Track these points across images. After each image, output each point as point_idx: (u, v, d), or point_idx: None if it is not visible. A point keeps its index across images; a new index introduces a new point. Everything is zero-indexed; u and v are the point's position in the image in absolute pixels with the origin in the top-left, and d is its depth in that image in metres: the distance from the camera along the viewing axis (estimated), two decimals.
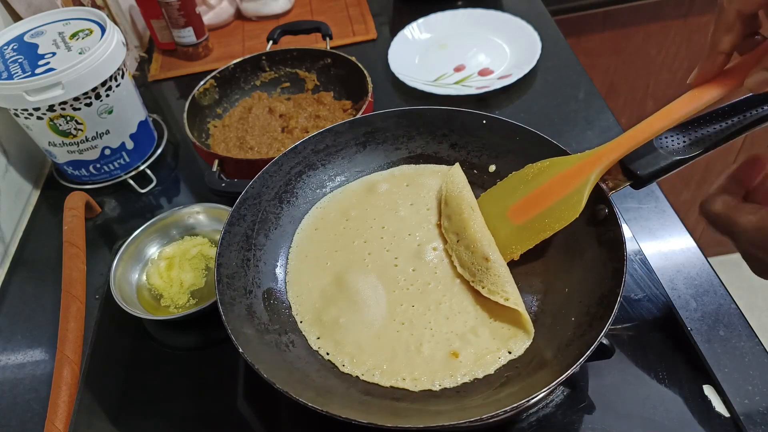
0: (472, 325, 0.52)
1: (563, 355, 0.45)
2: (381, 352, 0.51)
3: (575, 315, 0.49)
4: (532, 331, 0.51)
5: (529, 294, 0.54)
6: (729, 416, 0.50)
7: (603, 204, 0.52)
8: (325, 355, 0.52)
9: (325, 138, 0.65)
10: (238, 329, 0.48)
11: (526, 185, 0.56)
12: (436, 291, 0.55)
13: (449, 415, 0.44)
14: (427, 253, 0.58)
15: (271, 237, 0.60)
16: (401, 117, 0.65)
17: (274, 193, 0.62)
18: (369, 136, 0.66)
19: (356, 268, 0.57)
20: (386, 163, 0.67)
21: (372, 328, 0.53)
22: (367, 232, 0.61)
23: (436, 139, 0.66)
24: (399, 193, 0.64)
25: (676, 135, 0.50)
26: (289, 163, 0.63)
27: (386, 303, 0.54)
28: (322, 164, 0.66)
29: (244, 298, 0.53)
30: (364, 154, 0.67)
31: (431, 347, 0.51)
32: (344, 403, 0.46)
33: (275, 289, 0.57)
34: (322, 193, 0.65)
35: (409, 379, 0.49)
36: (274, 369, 0.46)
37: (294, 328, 0.54)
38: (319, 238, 0.61)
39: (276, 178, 0.62)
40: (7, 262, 0.77)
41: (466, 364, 0.49)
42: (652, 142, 0.49)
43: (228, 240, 0.55)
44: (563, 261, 0.54)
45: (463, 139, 0.65)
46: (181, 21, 1.01)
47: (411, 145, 0.66)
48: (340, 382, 0.49)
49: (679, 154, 0.49)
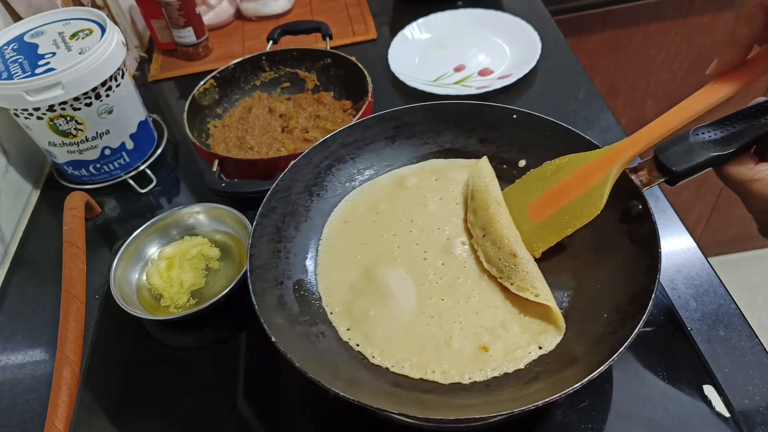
0: (502, 319, 0.52)
1: (594, 352, 0.45)
2: (410, 345, 0.51)
3: (606, 312, 0.49)
4: (563, 327, 0.50)
5: (559, 290, 0.53)
6: (729, 416, 0.50)
7: (636, 200, 0.51)
8: (354, 346, 0.52)
9: (354, 132, 0.65)
10: (270, 319, 0.49)
11: (544, 182, 0.55)
12: (466, 285, 0.55)
13: (478, 408, 0.44)
14: (456, 247, 0.58)
15: (301, 229, 0.61)
16: (429, 111, 0.65)
17: (303, 186, 0.62)
18: (397, 131, 0.66)
19: (385, 261, 0.58)
20: (414, 158, 0.67)
21: (401, 321, 0.53)
22: (396, 226, 0.61)
23: (465, 133, 0.66)
24: (428, 187, 0.64)
25: (713, 130, 0.48)
26: (318, 156, 0.64)
27: (415, 296, 0.54)
28: (351, 158, 0.66)
29: (275, 288, 0.54)
30: (393, 148, 0.67)
31: (461, 341, 0.51)
32: (374, 394, 0.46)
33: (305, 280, 0.58)
34: (351, 187, 0.66)
35: (438, 371, 0.49)
36: (305, 359, 0.46)
37: (324, 320, 0.54)
38: (348, 231, 0.62)
39: (306, 171, 0.63)
40: (7, 262, 0.77)
41: (496, 359, 0.49)
42: (688, 137, 0.48)
43: (259, 231, 0.56)
44: (594, 257, 0.54)
45: (492, 134, 0.65)
46: (181, 21, 1.01)
47: (439, 139, 0.66)
48: (370, 373, 0.50)
49: (716, 149, 0.47)
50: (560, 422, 0.52)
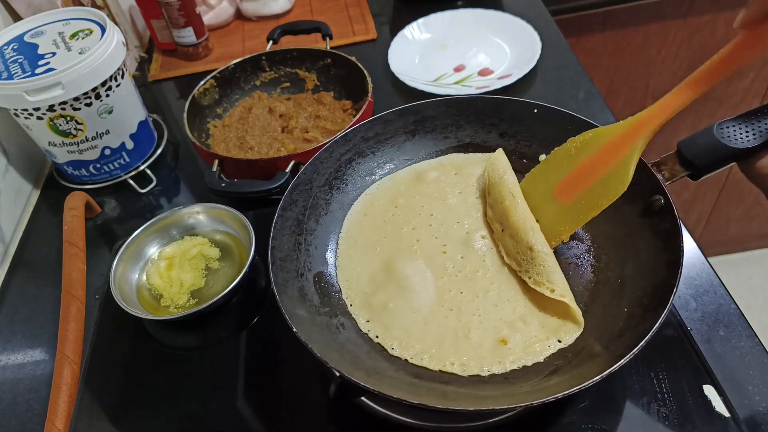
0: (521, 313, 0.52)
1: (615, 346, 0.45)
2: (429, 337, 0.52)
3: (627, 306, 0.49)
4: (582, 322, 0.50)
5: (580, 284, 0.54)
6: (729, 416, 0.50)
7: (658, 195, 0.51)
8: (374, 338, 0.53)
9: (375, 126, 0.66)
10: (291, 310, 0.49)
11: (569, 160, 0.54)
12: (485, 279, 0.55)
13: (498, 399, 0.45)
14: (475, 241, 0.58)
15: (321, 222, 0.61)
16: (450, 106, 0.66)
17: (324, 180, 0.63)
18: (418, 125, 0.67)
19: (405, 254, 0.58)
20: (435, 152, 0.68)
21: (420, 314, 0.53)
22: (416, 220, 0.61)
23: (485, 128, 0.66)
24: (447, 182, 0.64)
25: (737, 124, 0.48)
26: (339, 150, 0.64)
27: (434, 289, 0.55)
28: (372, 152, 0.66)
29: (296, 280, 0.55)
30: (413, 142, 0.67)
31: (479, 333, 0.51)
32: (394, 385, 0.47)
33: (326, 272, 0.58)
34: (371, 180, 0.66)
35: (457, 364, 0.50)
36: (326, 349, 0.47)
37: (344, 311, 0.55)
38: (368, 224, 0.62)
39: (327, 164, 0.63)
40: (7, 262, 0.77)
41: (515, 351, 0.50)
42: (712, 131, 0.48)
43: (281, 224, 0.56)
44: (616, 251, 0.54)
45: (512, 129, 0.65)
46: (181, 21, 1.01)
47: (460, 134, 0.67)
48: (389, 364, 0.50)
49: (740, 143, 0.47)
50: (561, 422, 0.52)
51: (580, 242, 0.56)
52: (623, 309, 0.49)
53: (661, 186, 0.51)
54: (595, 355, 0.46)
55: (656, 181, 0.51)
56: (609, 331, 0.48)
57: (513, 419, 0.52)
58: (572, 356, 0.48)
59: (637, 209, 0.52)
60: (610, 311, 0.50)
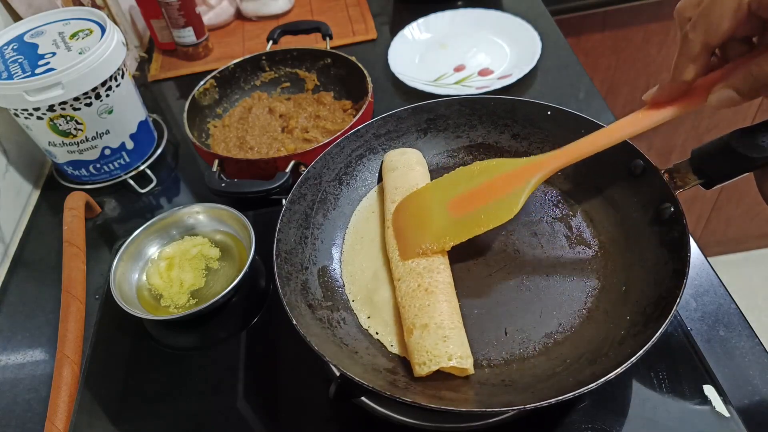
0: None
1: (614, 353, 0.45)
2: None
3: (630, 314, 0.49)
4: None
5: (584, 289, 0.54)
6: (729, 416, 0.50)
7: (668, 202, 0.51)
8: (374, 334, 0.53)
9: (387, 123, 0.66)
10: (293, 303, 0.49)
11: (469, 181, 0.56)
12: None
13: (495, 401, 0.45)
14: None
15: (329, 217, 0.62)
16: (464, 105, 0.66)
17: (334, 175, 0.63)
18: (431, 123, 0.67)
19: None
20: (446, 151, 0.67)
21: None
22: None
23: (498, 129, 0.66)
24: None
25: (752, 134, 0.47)
26: (350, 145, 0.64)
27: None
28: (383, 149, 0.66)
29: (300, 273, 0.55)
30: (425, 140, 0.67)
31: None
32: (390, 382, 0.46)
33: (330, 267, 0.58)
34: (381, 178, 0.66)
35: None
36: (324, 343, 0.47)
37: (346, 307, 0.55)
38: (375, 221, 0.62)
39: (337, 159, 0.63)
40: (7, 262, 0.77)
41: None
42: (726, 140, 0.47)
43: (288, 217, 0.56)
44: (622, 259, 0.54)
45: (525, 130, 0.65)
46: (181, 21, 1.01)
47: (472, 134, 0.67)
48: (387, 361, 0.50)
49: (755, 153, 0.45)
50: (561, 422, 0.52)
51: (588, 248, 0.56)
52: (626, 317, 0.49)
53: (672, 194, 0.50)
54: (594, 361, 0.46)
55: (667, 188, 0.51)
56: (610, 338, 0.48)
57: (513, 419, 0.52)
58: (571, 362, 0.48)
59: (647, 216, 0.51)
60: (612, 318, 0.50)
